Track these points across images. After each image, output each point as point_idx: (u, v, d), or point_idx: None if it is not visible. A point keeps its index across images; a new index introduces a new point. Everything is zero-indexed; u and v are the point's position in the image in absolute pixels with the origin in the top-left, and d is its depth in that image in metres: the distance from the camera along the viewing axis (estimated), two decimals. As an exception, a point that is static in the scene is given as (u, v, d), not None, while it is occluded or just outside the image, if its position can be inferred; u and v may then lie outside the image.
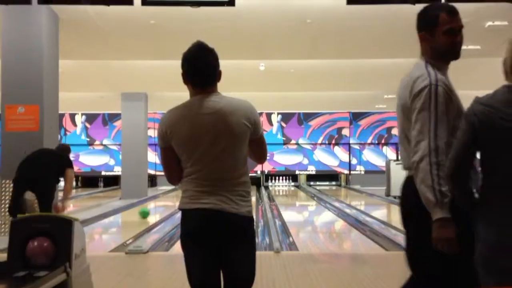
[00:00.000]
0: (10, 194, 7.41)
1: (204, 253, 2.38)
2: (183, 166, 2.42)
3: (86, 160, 20.84)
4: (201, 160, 2.35)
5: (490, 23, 8.40)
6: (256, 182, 21.01)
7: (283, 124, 20.89)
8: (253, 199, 15.07)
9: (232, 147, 2.36)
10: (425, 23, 2.29)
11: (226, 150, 2.35)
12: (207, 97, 2.41)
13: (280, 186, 21.48)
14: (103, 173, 20.99)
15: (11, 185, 7.40)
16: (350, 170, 21.07)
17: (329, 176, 21.68)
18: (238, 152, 2.38)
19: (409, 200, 2.24)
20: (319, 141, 20.95)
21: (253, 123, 2.40)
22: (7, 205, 7.43)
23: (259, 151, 2.54)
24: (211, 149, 2.34)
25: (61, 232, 2.86)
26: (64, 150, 6.70)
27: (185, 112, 2.41)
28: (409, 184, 2.23)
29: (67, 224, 2.90)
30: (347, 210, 11.95)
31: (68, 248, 2.84)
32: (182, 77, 2.48)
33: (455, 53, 2.28)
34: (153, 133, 20.28)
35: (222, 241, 2.37)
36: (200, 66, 2.47)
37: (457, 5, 2.34)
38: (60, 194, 6.94)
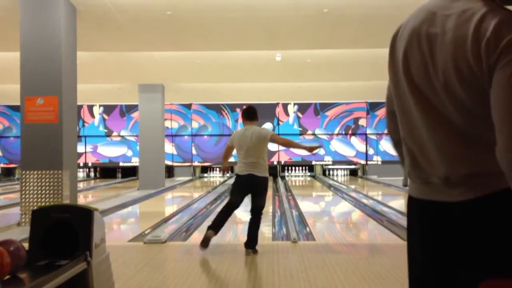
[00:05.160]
0: (31, 185, 7.54)
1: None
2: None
3: (104, 151, 21.01)
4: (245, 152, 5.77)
5: None
6: (273, 172, 21.07)
7: (300, 115, 20.84)
8: (270, 189, 15.12)
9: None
10: None
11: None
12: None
13: (297, 176, 21.47)
14: (121, 164, 21.14)
15: (32, 176, 7.52)
16: (367, 160, 20.97)
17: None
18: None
19: None
20: (336, 132, 20.87)
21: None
22: (28, 195, 7.55)
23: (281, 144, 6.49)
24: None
25: (82, 222, 2.90)
26: None
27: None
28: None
29: (87, 214, 2.94)
30: (364, 201, 11.92)
31: (89, 237, 2.88)
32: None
33: None
34: (169, 124, 20.40)
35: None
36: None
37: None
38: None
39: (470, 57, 1.33)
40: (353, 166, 22.10)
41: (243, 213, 8.54)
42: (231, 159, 6.35)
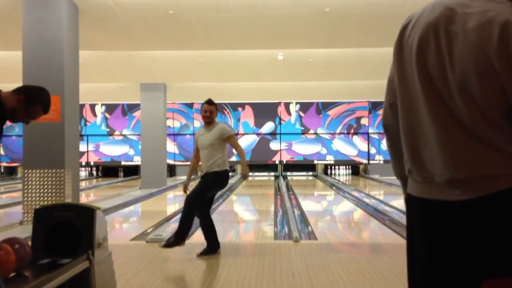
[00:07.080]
0: (33, 184, 7.55)
1: None
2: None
3: (106, 150, 21.04)
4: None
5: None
6: (275, 171, 21.05)
7: (302, 114, 20.83)
8: (272, 188, 15.11)
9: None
10: None
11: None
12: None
13: (299, 175, 21.46)
14: (123, 163, 21.16)
15: (34, 175, 7.53)
16: (369, 160, 20.96)
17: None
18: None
19: None
20: (338, 131, 20.86)
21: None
22: (30, 194, 7.57)
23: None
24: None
25: (84, 221, 2.91)
26: None
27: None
28: None
29: (89, 213, 2.94)
30: (366, 200, 11.92)
31: (91, 236, 2.89)
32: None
33: None
34: (171, 123, 20.42)
35: None
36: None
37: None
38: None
39: (494, 58, 1.35)
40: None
41: (244, 212, 8.56)
42: (233, 158, 6.29)
